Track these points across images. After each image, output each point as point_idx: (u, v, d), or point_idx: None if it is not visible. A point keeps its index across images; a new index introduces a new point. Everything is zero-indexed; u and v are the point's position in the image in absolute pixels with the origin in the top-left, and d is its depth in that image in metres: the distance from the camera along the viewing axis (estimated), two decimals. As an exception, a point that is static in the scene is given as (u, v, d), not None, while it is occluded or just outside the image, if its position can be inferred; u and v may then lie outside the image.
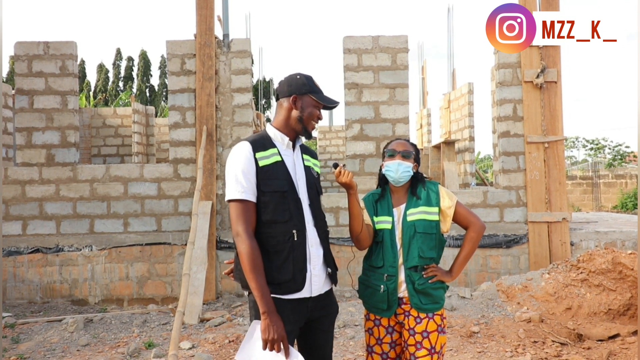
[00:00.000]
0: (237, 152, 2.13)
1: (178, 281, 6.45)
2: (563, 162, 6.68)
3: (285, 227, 2.10)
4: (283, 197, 2.11)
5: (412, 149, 2.47)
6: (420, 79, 14.39)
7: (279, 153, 2.17)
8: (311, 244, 2.16)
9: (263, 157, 2.12)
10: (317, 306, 2.17)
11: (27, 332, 5.20)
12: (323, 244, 2.22)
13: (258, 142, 2.16)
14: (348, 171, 2.25)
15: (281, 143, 2.20)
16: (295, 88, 2.20)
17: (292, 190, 2.14)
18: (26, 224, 6.56)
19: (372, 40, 6.72)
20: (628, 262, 4.93)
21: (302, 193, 2.18)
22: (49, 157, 6.65)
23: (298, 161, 2.23)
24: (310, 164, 2.30)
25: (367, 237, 2.39)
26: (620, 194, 17.48)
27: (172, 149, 6.71)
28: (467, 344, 4.34)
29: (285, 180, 2.13)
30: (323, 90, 2.27)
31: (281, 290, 2.08)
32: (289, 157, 2.20)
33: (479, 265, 6.61)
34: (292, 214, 2.11)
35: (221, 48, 6.76)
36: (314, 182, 2.26)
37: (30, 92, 6.67)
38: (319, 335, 2.24)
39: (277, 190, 2.10)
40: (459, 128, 11.63)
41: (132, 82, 29.27)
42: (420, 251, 2.32)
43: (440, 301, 2.36)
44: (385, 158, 2.46)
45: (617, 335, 4.53)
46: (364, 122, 6.71)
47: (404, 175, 2.40)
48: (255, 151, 2.11)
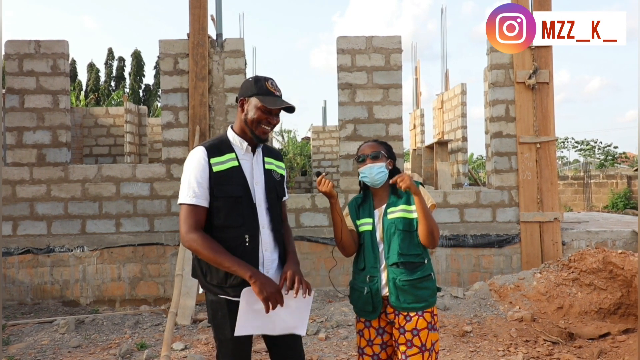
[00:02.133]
0: (191, 158, 2.13)
1: (171, 282, 6.42)
2: (555, 162, 6.73)
3: (238, 232, 2.10)
4: (237, 202, 2.11)
5: (381, 147, 2.46)
6: (413, 80, 14.44)
7: (237, 158, 2.16)
8: (265, 248, 2.16)
9: (218, 162, 2.12)
10: None
11: (17, 333, 5.15)
12: (279, 247, 2.21)
13: (214, 146, 2.16)
14: (329, 181, 2.25)
15: (240, 147, 2.19)
16: (244, 90, 2.18)
17: (246, 195, 2.14)
18: (17, 224, 6.50)
19: (365, 40, 6.73)
20: (618, 261, 4.97)
21: (259, 197, 2.18)
22: (40, 157, 6.59)
23: (257, 165, 2.22)
24: (272, 167, 2.29)
25: (351, 244, 2.40)
26: (611, 194, 17.63)
27: (164, 149, 6.68)
28: (459, 343, 4.36)
29: (240, 186, 2.13)
30: (282, 93, 2.19)
31: (233, 293, 2.08)
32: (247, 162, 2.19)
33: (471, 265, 6.64)
34: (244, 219, 2.12)
35: (214, 48, 6.74)
36: (274, 185, 2.25)
37: (21, 92, 6.62)
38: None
39: (230, 196, 2.10)
40: (452, 128, 11.68)
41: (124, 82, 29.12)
42: (401, 248, 2.31)
43: (422, 301, 2.31)
44: (358, 164, 2.46)
45: (607, 334, 4.57)
46: (357, 122, 6.72)
47: (379, 177, 2.40)
48: (210, 156, 2.11)
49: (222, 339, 2.14)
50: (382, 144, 2.49)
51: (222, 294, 2.11)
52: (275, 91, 2.16)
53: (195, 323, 5.33)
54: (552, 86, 6.69)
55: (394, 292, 2.30)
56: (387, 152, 2.46)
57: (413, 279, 2.30)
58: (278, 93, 2.17)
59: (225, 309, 2.11)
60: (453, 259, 6.65)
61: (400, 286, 2.29)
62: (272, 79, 2.19)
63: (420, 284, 2.32)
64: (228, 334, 2.11)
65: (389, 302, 2.32)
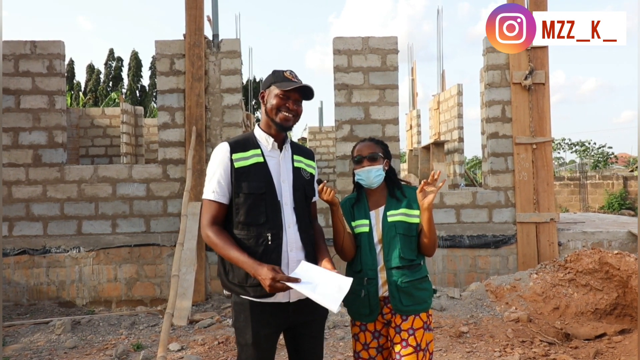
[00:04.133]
0: (215, 153, 2.14)
1: (167, 282, 6.41)
2: (551, 163, 6.75)
3: (259, 230, 2.06)
4: (259, 199, 2.07)
5: (378, 147, 2.42)
6: (409, 81, 14.45)
7: (262, 154, 2.14)
8: (290, 248, 2.10)
9: (241, 158, 2.10)
10: (301, 311, 2.11)
11: (13, 334, 5.13)
12: (306, 248, 2.14)
13: (239, 142, 2.14)
14: (330, 189, 2.21)
15: (266, 144, 2.17)
16: (264, 84, 2.20)
17: (271, 192, 2.10)
18: (12, 225, 6.48)
19: (362, 41, 6.74)
20: (614, 262, 4.99)
21: (285, 196, 2.13)
22: (36, 157, 6.57)
23: (285, 162, 2.18)
24: (302, 165, 2.25)
25: (351, 249, 2.35)
26: (607, 195, 17.69)
27: (161, 150, 6.66)
28: (456, 344, 4.36)
29: (264, 182, 2.09)
30: (302, 83, 2.15)
31: (253, 293, 2.03)
32: (274, 159, 2.16)
33: (467, 265, 6.65)
34: (267, 217, 2.07)
35: (211, 48, 6.73)
36: (302, 184, 2.20)
37: (17, 92, 6.60)
38: (307, 340, 2.20)
39: (252, 192, 2.07)
40: (448, 129, 11.69)
41: (121, 82, 29.07)
42: (401, 252, 2.29)
43: (422, 303, 2.31)
44: (354, 164, 2.42)
45: (603, 334, 4.58)
46: (353, 122, 6.72)
47: (377, 180, 2.38)
48: (232, 152, 2.10)
49: (243, 344, 2.08)
50: (378, 143, 2.45)
51: (243, 294, 2.06)
52: (293, 78, 2.14)
53: (191, 324, 5.31)
54: (548, 87, 6.71)
55: (397, 296, 2.28)
56: (384, 152, 2.43)
57: (414, 279, 2.30)
58: (296, 80, 2.14)
59: (248, 312, 2.06)
60: (449, 260, 6.66)
61: (403, 288, 2.27)
62: (292, 70, 2.18)
63: (420, 285, 2.32)
64: (249, 339, 2.05)
65: (391, 306, 2.29)
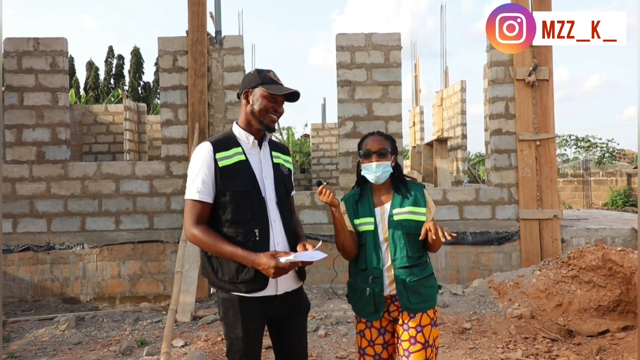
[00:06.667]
0: (197, 153, 2.14)
1: (170, 279, 6.43)
2: (554, 159, 6.73)
3: (247, 226, 2.09)
4: (245, 196, 2.11)
5: (387, 143, 2.38)
6: (412, 77, 14.43)
7: (244, 152, 2.16)
8: (277, 242, 2.14)
9: (224, 157, 2.11)
10: (286, 304, 2.17)
11: (17, 330, 5.16)
12: (289, 240, 2.20)
13: (220, 141, 2.15)
14: (329, 191, 2.20)
15: (246, 142, 2.19)
16: (247, 83, 2.19)
17: (255, 189, 2.13)
18: (16, 222, 6.50)
19: (364, 37, 6.72)
20: (618, 258, 4.98)
21: (269, 192, 2.17)
22: (40, 154, 6.59)
23: (265, 159, 2.21)
24: (280, 160, 2.28)
25: (353, 248, 2.34)
26: (611, 192, 17.64)
27: (164, 147, 6.67)
28: (459, 340, 4.37)
29: (248, 180, 2.12)
30: (284, 83, 2.21)
31: (245, 289, 2.08)
32: (255, 156, 2.18)
33: (470, 262, 6.65)
34: (254, 214, 2.11)
35: (213, 45, 6.73)
36: (282, 179, 2.24)
37: (20, 89, 6.61)
38: (292, 332, 2.23)
39: (238, 190, 2.10)
40: (451, 126, 11.67)
41: (123, 79, 29.10)
42: (409, 251, 2.28)
43: (429, 300, 2.31)
44: (362, 158, 2.38)
45: (606, 331, 4.58)
46: (356, 119, 6.71)
47: (384, 176, 2.35)
48: (216, 151, 2.11)
49: (233, 338, 2.13)
50: (387, 137, 2.41)
51: (234, 291, 2.10)
52: (278, 80, 2.18)
53: (195, 320, 5.33)
54: (552, 83, 6.68)
55: (405, 294, 2.27)
56: (392, 147, 2.39)
57: (421, 278, 2.30)
58: (279, 81, 2.19)
59: (237, 307, 2.10)
60: (452, 257, 6.66)
61: (411, 287, 2.26)
62: (273, 70, 2.21)
63: (427, 283, 2.32)
64: (239, 332, 2.10)
65: (400, 305, 2.28)
